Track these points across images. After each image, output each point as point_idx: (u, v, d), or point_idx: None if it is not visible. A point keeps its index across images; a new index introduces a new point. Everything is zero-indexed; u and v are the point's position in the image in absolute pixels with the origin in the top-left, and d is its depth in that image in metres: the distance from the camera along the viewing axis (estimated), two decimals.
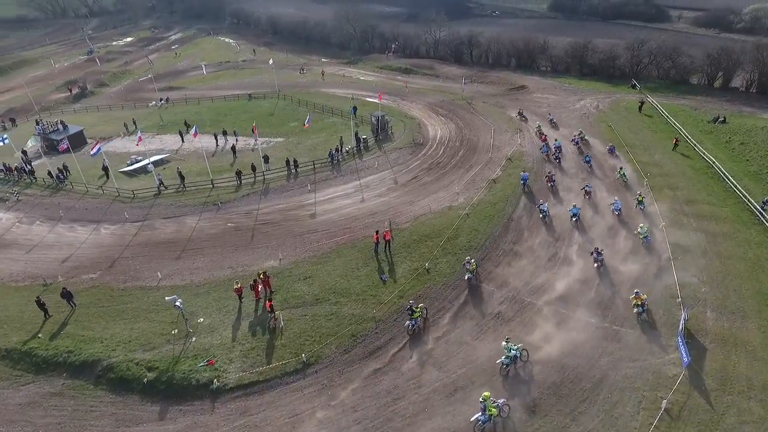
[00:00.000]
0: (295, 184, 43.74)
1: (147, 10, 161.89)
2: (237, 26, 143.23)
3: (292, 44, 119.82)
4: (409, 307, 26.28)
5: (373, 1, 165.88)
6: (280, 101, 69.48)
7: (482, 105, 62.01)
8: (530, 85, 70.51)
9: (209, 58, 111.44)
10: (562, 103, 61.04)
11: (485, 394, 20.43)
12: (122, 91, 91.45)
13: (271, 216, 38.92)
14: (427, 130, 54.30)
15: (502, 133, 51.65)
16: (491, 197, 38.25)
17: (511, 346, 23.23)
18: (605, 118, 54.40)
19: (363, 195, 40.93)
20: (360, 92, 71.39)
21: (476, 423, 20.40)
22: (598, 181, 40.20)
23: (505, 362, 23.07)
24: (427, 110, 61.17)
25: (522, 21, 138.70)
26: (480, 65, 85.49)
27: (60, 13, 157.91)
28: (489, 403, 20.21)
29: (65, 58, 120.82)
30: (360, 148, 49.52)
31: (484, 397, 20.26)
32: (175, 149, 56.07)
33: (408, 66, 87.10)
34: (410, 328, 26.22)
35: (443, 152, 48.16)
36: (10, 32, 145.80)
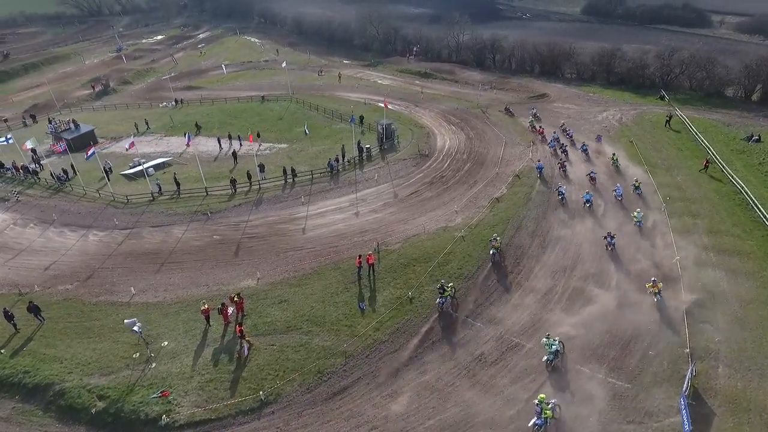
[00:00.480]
0: (289, 195, 41.72)
1: (179, 9, 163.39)
2: (264, 26, 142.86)
3: (315, 45, 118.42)
4: (440, 286, 27.14)
5: (400, 2, 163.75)
6: (291, 105, 67.77)
7: (497, 114, 58.84)
8: (552, 94, 66.84)
9: (232, 58, 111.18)
10: (583, 114, 57.33)
11: (541, 396, 20.04)
12: (144, 89, 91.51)
13: (258, 229, 36.98)
14: (435, 140, 51.57)
15: (514, 146, 48.53)
16: (491, 218, 35.36)
17: (552, 341, 22.86)
18: (627, 132, 50.58)
19: (358, 209, 38.61)
20: (374, 97, 69.06)
21: (534, 428, 19.65)
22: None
23: (550, 358, 22.79)
24: (439, 118, 58.39)
25: (553, 24, 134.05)
26: (502, 71, 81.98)
27: (96, 10, 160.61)
28: (545, 406, 19.68)
29: (95, 55, 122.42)
30: (362, 158, 47.17)
31: (540, 400, 19.80)
32: (180, 152, 54.83)
33: (428, 70, 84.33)
34: (440, 306, 27.01)
35: (449, 165, 45.40)
36: (47, 28, 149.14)
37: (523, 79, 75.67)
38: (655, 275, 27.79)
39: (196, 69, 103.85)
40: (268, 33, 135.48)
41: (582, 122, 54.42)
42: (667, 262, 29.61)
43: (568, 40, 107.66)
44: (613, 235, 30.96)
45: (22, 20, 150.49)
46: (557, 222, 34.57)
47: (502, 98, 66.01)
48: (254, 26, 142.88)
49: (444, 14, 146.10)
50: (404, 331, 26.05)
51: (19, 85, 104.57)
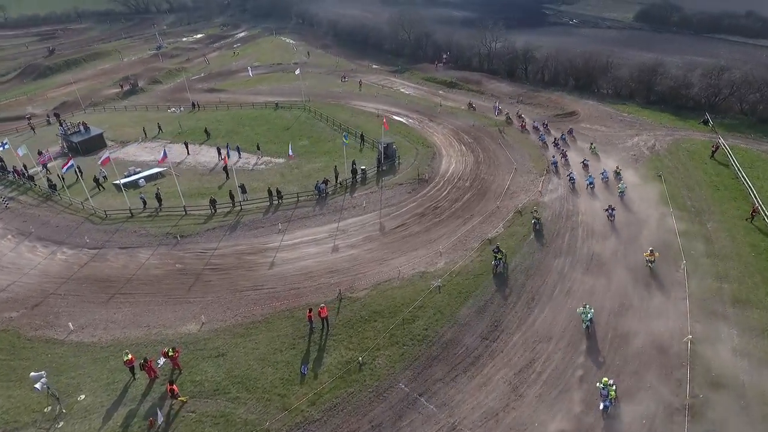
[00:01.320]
0: (268, 221, 38.28)
1: (222, 7, 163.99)
2: (301, 26, 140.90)
3: (348, 48, 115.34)
4: (496, 248, 29.90)
5: (443, 5, 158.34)
6: (303, 114, 64.52)
7: (514, 133, 53.46)
8: (582, 112, 60.67)
9: (264, 59, 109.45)
10: (612, 138, 51.20)
11: (604, 379, 20.88)
12: (170, 90, 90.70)
13: (224, 260, 33.71)
14: (440, 162, 46.99)
15: (524, 174, 43.33)
16: (478, 265, 30.70)
17: (588, 310, 24.99)
18: (658, 163, 44.36)
19: (335, 243, 34.73)
20: (390, 108, 64.98)
21: (604, 411, 20.39)
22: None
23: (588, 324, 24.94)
24: (450, 136, 53.64)
25: (601, 32, 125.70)
26: (534, 83, 75.96)
27: (143, 8, 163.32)
28: (610, 388, 20.63)
29: (135, 52, 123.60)
30: (356, 180, 43.22)
31: (605, 383, 20.70)
32: (177, 162, 52.49)
33: (454, 80, 79.34)
34: (495, 269, 29.33)
35: (447, 194, 40.81)
36: (96, 25, 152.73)
37: (554, 94, 69.55)
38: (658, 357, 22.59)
39: (227, 70, 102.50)
40: (303, 34, 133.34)
41: (609, 148, 48.43)
42: (676, 340, 24.22)
43: (614, 49, 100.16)
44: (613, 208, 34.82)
45: (74, 16, 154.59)
46: (550, 280, 29.51)
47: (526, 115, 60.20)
48: (291, 27, 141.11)
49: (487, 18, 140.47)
50: (342, 409, 22.00)
51: (58, 81, 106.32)
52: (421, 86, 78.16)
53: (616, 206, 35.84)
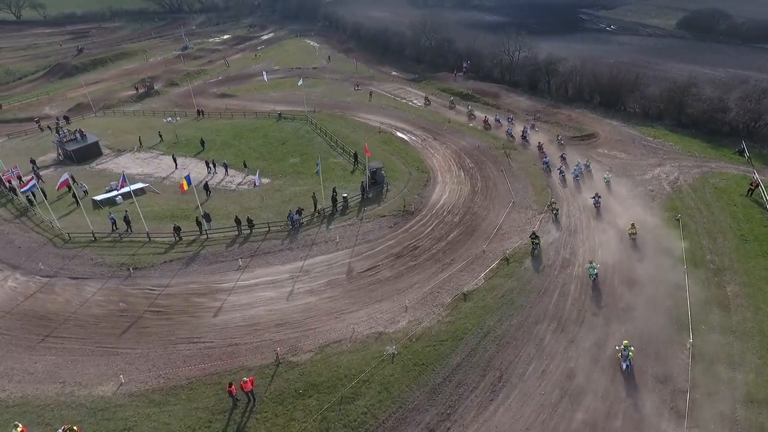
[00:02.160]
0: (231, 254, 34.81)
1: (252, 8, 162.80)
2: (327, 29, 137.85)
3: (369, 52, 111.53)
4: (533, 234, 32.20)
5: (475, 8, 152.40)
6: (304, 126, 61.06)
7: (522, 158, 48.33)
8: (602, 134, 54.85)
9: (284, 63, 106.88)
10: (630, 167, 45.47)
11: (625, 342, 22.83)
12: (185, 93, 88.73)
13: (171, 301, 30.41)
14: (432, 190, 42.50)
15: (522, 210, 38.40)
16: (444, 328, 26.33)
17: (594, 265, 28.90)
18: (679, 202, 38.60)
19: (294, 287, 30.92)
20: (396, 123, 60.79)
21: (625, 370, 22.34)
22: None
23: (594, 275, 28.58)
24: (451, 158, 49.01)
25: (639, 40, 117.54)
26: (556, 98, 70.09)
27: (176, 7, 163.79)
28: (630, 350, 22.41)
29: (161, 53, 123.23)
30: (335, 210, 39.28)
31: (626, 345, 22.59)
32: (163, 177, 49.85)
33: (470, 91, 74.28)
34: (533, 252, 31.68)
35: (432, 230, 36.38)
36: (129, 24, 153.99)
37: (575, 111, 63.69)
38: None
39: (245, 73, 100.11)
40: (328, 37, 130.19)
41: (624, 180, 42.87)
42: None
43: (651, 60, 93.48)
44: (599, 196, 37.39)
45: (108, 15, 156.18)
46: (525, 353, 24.82)
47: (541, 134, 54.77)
48: (317, 29, 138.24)
49: (518, 22, 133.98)
50: None
51: (81, 81, 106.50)
52: (435, 97, 73.44)
53: (622, 258, 30.66)
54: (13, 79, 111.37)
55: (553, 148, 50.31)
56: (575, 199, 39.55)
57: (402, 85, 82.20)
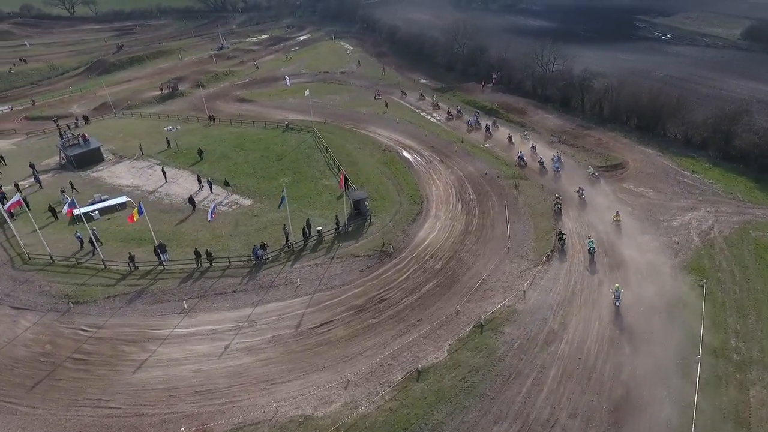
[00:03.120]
0: (180, 292, 31.37)
1: (293, 8, 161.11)
2: (364, 31, 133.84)
3: (401, 57, 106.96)
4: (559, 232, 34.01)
5: (519, 12, 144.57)
6: (308, 139, 57.34)
7: (531, 192, 42.54)
8: (632, 164, 48.16)
9: (314, 66, 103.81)
10: (657, 209, 38.95)
11: (616, 285, 28.15)
12: (208, 95, 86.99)
13: (98, 347, 27.25)
14: (420, 226, 37.61)
15: (516, 260, 32.97)
16: (383, 418, 21.72)
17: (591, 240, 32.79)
18: (708, 261, 32.10)
19: (231, 342, 27.08)
20: (406, 140, 56.22)
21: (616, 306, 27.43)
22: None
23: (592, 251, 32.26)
24: (452, 187, 43.88)
25: (696, 50, 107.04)
26: (589, 117, 63.15)
27: (220, 6, 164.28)
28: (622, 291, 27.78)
29: (197, 52, 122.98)
30: (306, 244, 35.17)
31: (617, 287, 27.90)
32: (150, 190, 47.31)
33: (496, 106, 68.37)
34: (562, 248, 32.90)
35: (407, 278, 31.67)
36: (174, 22, 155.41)
37: (609, 134, 56.85)
38: None
39: (272, 76, 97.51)
40: (364, 40, 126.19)
41: (646, 225, 36.52)
42: None
43: (708, 74, 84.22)
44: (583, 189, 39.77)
45: (156, 13, 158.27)
46: None
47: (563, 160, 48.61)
48: (354, 31, 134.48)
49: (566, 29, 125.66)
50: None
51: (116, 79, 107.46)
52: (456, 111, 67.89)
53: (614, 339, 24.96)
54: (56, 74, 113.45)
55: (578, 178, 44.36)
56: (582, 248, 33.68)
57: (427, 95, 77.00)
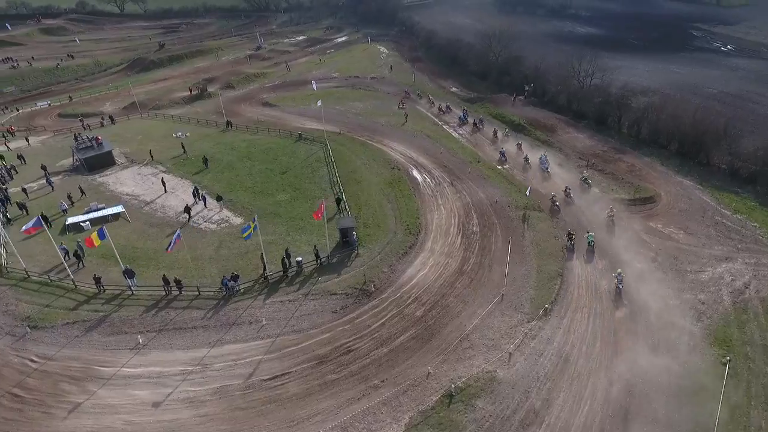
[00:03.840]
0: (140, 323, 29.25)
1: (334, 9, 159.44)
2: (402, 34, 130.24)
3: (436, 63, 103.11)
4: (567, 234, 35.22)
5: (568, 17, 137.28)
6: (318, 152, 54.73)
7: (542, 227, 38.16)
8: (665, 198, 42.86)
9: (345, 70, 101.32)
10: (685, 258, 33.89)
11: (619, 270, 30.43)
12: (236, 98, 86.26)
13: (40, 382, 25.42)
14: (410, 263, 34.09)
15: (508, 312, 29.01)
16: None
17: (590, 235, 34.43)
18: (737, 331, 27.14)
19: (176, 390, 24.63)
20: (419, 157, 52.77)
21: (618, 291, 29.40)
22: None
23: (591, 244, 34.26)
24: (456, 216, 40.06)
25: (760, 64, 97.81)
26: (625, 139, 57.60)
27: (264, 6, 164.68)
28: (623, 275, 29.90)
29: (234, 52, 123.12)
30: (286, 275, 32.42)
31: (619, 272, 30.13)
32: (148, 201, 45.91)
33: (524, 121, 63.66)
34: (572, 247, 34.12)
35: (381, 325, 28.37)
36: (217, 21, 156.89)
37: (644, 159, 51.40)
38: None
39: (302, 79, 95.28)
40: (401, 43, 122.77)
41: (669, 277, 31.63)
42: None
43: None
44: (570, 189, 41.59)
45: (201, 11, 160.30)
46: None
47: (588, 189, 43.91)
48: (393, 35, 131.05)
49: (616, 37, 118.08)
50: None
51: (154, 77, 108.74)
52: (481, 126, 63.65)
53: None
54: (100, 70, 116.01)
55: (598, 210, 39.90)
56: (584, 300, 29.34)
57: (454, 106, 72.90)
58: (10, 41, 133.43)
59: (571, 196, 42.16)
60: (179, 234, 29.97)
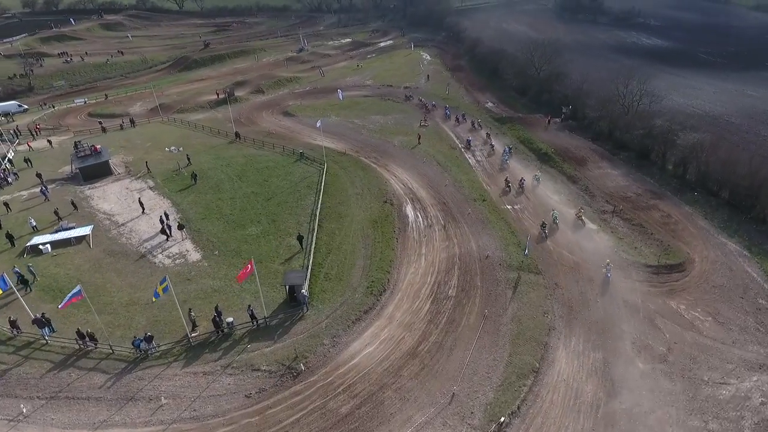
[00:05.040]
0: (32, 388, 25.77)
1: (383, 11, 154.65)
2: (448, 40, 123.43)
3: (477, 74, 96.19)
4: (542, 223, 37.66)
5: (635, 27, 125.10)
6: (313, 176, 50.18)
7: (533, 296, 31.55)
8: (699, 265, 34.99)
9: (380, 77, 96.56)
10: (705, 359, 26.45)
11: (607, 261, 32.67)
12: (262, 103, 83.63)
13: None
14: (358, 335, 28.73)
15: (453, 423, 23.07)
16: None
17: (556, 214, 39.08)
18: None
19: None
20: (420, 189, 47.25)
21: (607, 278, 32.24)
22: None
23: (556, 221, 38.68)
24: (434, 273, 34.18)
25: None
26: (667, 180, 49.05)
27: (316, 6, 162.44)
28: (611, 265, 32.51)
29: (278, 53, 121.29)
30: (219, 332, 28.07)
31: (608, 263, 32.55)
32: (121, 223, 43.14)
33: (552, 151, 56.36)
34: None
35: (293, 423, 23.36)
36: (267, 20, 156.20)
37: (684, 208, 43.16)
38: None
39: (333, 86, 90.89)
40: (445, 50, 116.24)
41: (677, 389, 24.45)
42: None
43: None
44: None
45: (254, 10, 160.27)
46: None
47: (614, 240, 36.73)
48: (439, 40, 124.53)
49: (685, 50, 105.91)
50: None
51: (192, 76, 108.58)
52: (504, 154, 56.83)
53: None
54: (145, 67, 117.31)
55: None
56: (566, 420, 22.88)
57: (485, 125, 66.15)
58: (72, 35, 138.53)
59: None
60: (80, 290, 26.09)
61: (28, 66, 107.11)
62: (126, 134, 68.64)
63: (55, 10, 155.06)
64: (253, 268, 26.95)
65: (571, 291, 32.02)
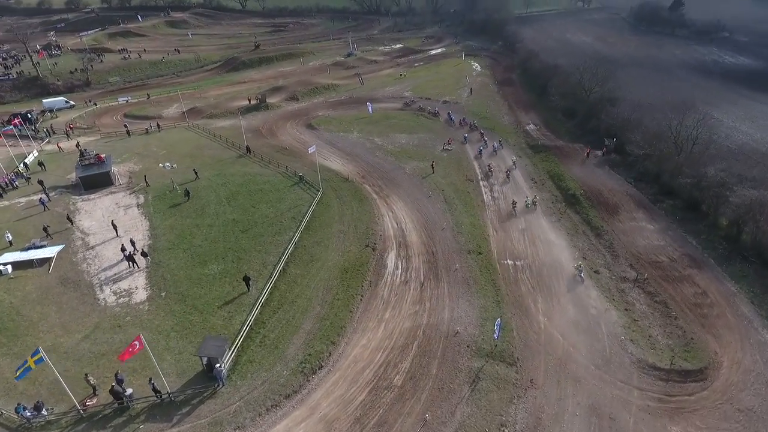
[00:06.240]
0: None
1: (442, 16, 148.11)
2: (504, 50, 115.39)
3: (527, 90, 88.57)
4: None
5: (721, 44, 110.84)
6: (304, 205, 46.23)
7: (489, 399, 25.55)
8: (726, 369, 27.49)
9: (421, 89, 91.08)
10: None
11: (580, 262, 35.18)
12: (289, 112, 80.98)
13: None
14: (268, 428, 24.10)
15: None
16: None
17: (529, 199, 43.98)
18: None
19: None
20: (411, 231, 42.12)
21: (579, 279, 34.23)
22: None
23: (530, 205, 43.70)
24: (387, 349, 28.95)
25: None
26: (715, 243, 40.47)
27: (374, 9, 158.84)
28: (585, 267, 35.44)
29: (325, 56, 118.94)
30: (125, 402, 24.61)
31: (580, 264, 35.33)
32: (91, 245, 41.31)
33: (581, 192, 48.88)
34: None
35: None
36: (324, 22, 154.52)
37: (727, 285, 34.98)
38: None
39: (368, 97, 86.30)
40: (499, 61, 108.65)
41: None
42: None
43: None
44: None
45: (314, 11, 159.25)
46: None
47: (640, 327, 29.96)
48: (494, 50, 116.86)
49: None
50: None
51: (237, 78, 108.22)
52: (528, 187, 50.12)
53: None
54: (198, 66, 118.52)
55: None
56: None
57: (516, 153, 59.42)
58: (137, 32, 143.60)
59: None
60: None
61: (88, 61, 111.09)
62: (148, 139, 68.06)
63: (128, 6, 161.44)
64: (143, 345, 23.00)
65: (547, 395, 25.67)
